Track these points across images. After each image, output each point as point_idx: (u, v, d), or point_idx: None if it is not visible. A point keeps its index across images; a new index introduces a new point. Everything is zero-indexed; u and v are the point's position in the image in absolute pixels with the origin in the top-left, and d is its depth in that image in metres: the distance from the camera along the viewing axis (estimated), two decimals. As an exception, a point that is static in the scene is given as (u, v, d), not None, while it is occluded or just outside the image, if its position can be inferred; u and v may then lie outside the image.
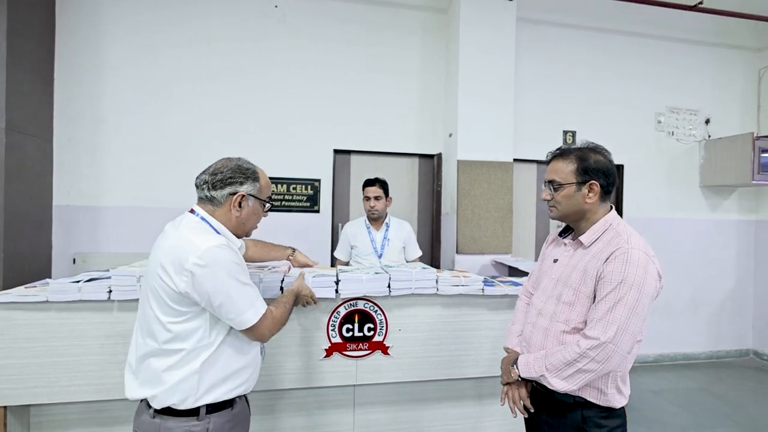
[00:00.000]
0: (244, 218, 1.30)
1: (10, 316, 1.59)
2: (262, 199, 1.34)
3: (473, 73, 3.49)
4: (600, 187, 1.31)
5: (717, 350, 4.37)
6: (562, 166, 1.35)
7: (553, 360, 1.25)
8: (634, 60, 4.20)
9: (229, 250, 1.19)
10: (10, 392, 1.60)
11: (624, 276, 1.18)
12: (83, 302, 1.61)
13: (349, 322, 1.84)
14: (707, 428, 2.88)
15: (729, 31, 4.37)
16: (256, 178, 1.31)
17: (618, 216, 1.36)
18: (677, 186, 4.33)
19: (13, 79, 2.77)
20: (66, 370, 1.62)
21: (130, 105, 3.34)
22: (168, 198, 3.38)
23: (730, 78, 4.44)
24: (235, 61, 3.49)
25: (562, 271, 1.35)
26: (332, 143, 3.69)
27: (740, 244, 4.44)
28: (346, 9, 3.68)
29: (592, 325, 1.21)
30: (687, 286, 4.30)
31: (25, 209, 2.90)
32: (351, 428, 1.97)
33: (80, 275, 1.81)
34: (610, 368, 1.20)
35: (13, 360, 1.60)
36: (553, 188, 1.35)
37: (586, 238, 1.32)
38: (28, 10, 2.91)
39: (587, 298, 1.26)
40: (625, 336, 1.17)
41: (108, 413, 1.74)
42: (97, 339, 1.63)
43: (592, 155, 1.34)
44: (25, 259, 2.88)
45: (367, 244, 2.71)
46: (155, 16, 3.37)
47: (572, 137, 4.14)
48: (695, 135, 4.38)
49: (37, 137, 3.01)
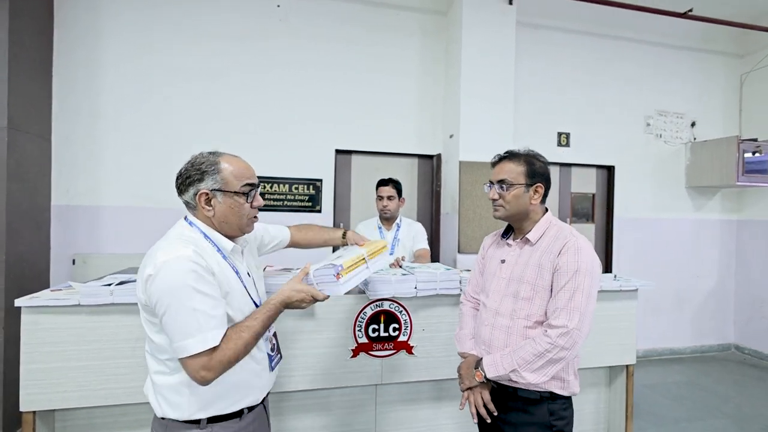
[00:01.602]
0: (221, 216, 1.16)
1: (37, 320, 1.56)
2: (232, 191, 1.15)
3: (474, 75, 3.55)
4: (543, 189, 1.42)
5: (701, 345, 4.57)
6: (512, 167, 1.42)
7: (522, 354, 1.28)
8: (625, 64, 4.34)
9: (190, 264, 1.04)
10: (39, 397, 1.58)
11: (578, 265, 1.28)
12: (114, 305, 1.60)
13: (375, 323, 1.88)
14: (700, 420, 3.03)
15: (714, 38, 4.56)
16: (214, 170, 1.15)
17: (553, 215, 1.47)
18: (665, 187, 4.50)
19: (15, 77, 2.69)
20: (96, 374, 1.60)
21: (129, 102, 3.28)
22: (167, 198, 3.32)
23: (715, 83, 4.64)
24: (237, 61, 3.46)
25: (513, 270, 1.41)
26: (334, 143, 3.70)
27: (722, 243, 4.65)
28: (347, 10, 3.69)
29: (556, 314, 1.27)
30: (673, 283, 4.48)
31: (25, 209, 2.81)
32: (373, 427, 2.01)
33: (107, 278, 1.79)
34: (575, 354, 1.28)
35: (41, 364, 1.58)
36: (503, 188, 1.41)
37: (533, 235, 1.40)
38: (28, 6, 2.82)
39: (545, 290, 1.33)
40: (586, 320, 1.26)
41: (133, 416, 1.73)
42: (128, 342, 1.61)
43: (536, 161, 1.44)
44: (25, 261, 2.80)
45: None
46: (155, 13, 3.31)
47: (566, 139, 4.25)
48: (682, 137, 4.56)
49: (36, 135, 2.92)
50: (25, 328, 1.57)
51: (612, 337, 2.20)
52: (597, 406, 2.34)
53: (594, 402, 2.33)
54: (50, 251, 3.10)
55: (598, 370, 2.33)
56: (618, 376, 2.31)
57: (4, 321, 2.58)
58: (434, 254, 3.91)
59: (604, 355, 2.20)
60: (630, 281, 2.27)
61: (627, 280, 2.29)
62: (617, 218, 4.34)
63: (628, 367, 2.26)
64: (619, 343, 2.22)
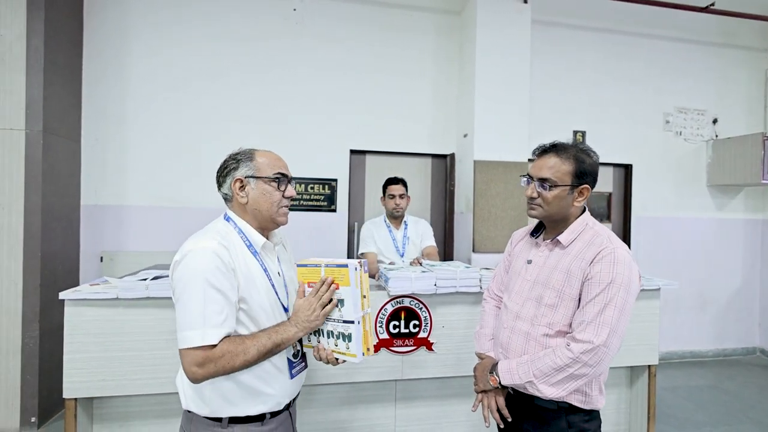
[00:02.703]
0: (253, 203, 1.20)
1: (79, 313, 1.66)
2: (264, 177, 1.20)
3: (489, 75, 3.55)
4: (589, 190, 1.28)
5: (724, 348, 4.46)
6: (557, 164, 1.26)
7: (540, 365, 1.18)
8: (642, 61, 4.29)
9: (211, 257, 1.06)
10: (80, 385, 1.67)
11: (613, 277, 1.16)
12: (150, 299, 1.68)
13: (395, 319, 1.92)
14: (724, 425, 2.97)
15: (735, 32, 4.47)
16: (250, 158, 1.22)
17: (591, 216, 1.33)
18: (684, 185, 4.43)
19: (49, 83, 2.83)
20: (133, 365, 1.69)
21: (154, 106, 3.40)
22: (190, 197, 3.44)
23: (737, 78, 4.54)
24: (255, 63, 3.55)
25: (540, 273, 1.30)
26: (348, 144, 3.76)
27: (747, 243, 4.55)
28: (361, 11, 3.74)
29: (582, 327, 1.16)
30: (694, 284, 4.39)
31: (58, 209, 2.95)
32: (393, 422, 2.05)
33: (142, 273, 1.88)
34: (600, 371, 1.17)
35: (83, 354, 1.67)
36: (545, 187, 1.26)
37: (565, 238, 1.27)
38: (61, 17, 2.96)
39: (572, 300, 1.21)
40: (616, 337, 1.15)
41: (166, 405, 1.81)
42: (162, 334, 1.70)
43: (587, 158, 1.28)
44: (57, 258, 2.93)
45: (389, 244, 2.77)
46: (179, 20, 3.43)
47: (582, 137, 4.23)
48: (702, 135, 4.48)
49: (67, 138, 3.06)
50: (68, 319, 1.66)
51: (634, 337, 2.19)
52: (618, 407, 2.34)
53: (615, 402, 2.33)
54: (80, 249, 3.24)
55: (620, 371, 2.32)
56: (640, 376, 2.31)
57: (39, 315, 2.71)
58: (448, 253, 3.95)
59: (625, 356, 2.19)
60: (652, 280, 2.26)
61: (649, 279, 2.27)
62: (635, 217, 4.30)
63: (651, 367, 2.26)
64: (641, 343, 2.21)
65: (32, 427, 2.66)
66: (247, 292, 1.12)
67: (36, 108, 2.74)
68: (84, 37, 3.26)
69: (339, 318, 1.17)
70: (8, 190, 2.71)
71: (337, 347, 1.18)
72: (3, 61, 2.71)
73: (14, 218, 2.71)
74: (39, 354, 2.70)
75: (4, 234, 2.70)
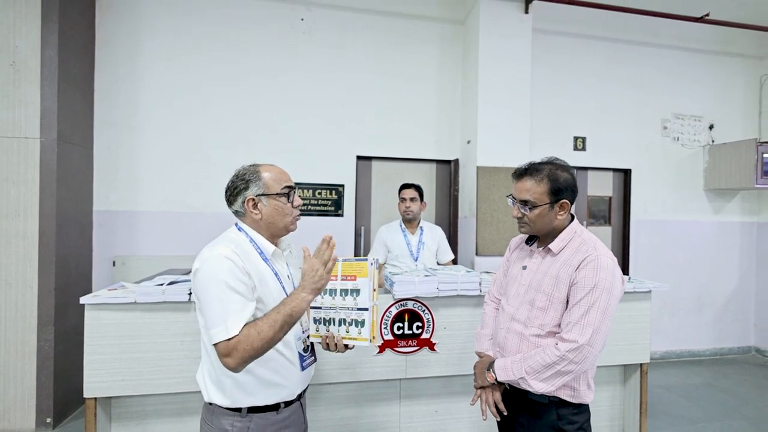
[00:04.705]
0: (268, 218, 1.30)
1: (98, 316, 1.75)
2: (273, 194, 1.29)
3: (492, 82, 3.65)
4: (569, 204, 1.39)
5: (720, 347, 4.55)
6: (533, 186, 1.37)
7: (531, 363, 1.30)
8: (641, 68, 4.37)
9: (226, 262, 1.17)
10: (100, 385, 1.75)
11: (596, 281, 1.27)
12: (166, 303, 1.77)
13: (399, 321, 2.01)
14: (718, 421, 3.06)
15: (731, 41, 4.55)
16: (256, 178, 1.29)
17: (579, 224, 1.44)
18: (683, 189, 4.51)
19: (63, 92, 2.92)
20: (149, 365, 1.78)
21: (164, 114, 3.49)
22: (200, 203, 3.52)
23: (733, 85, 4.63)
24: (264, 72, 3.64)
25: (533, 278, 1.41)
26: (355, 150, 3.85)
27: (742, 245, 4.63)
28: (367, 21, 3.83)
29: (569, 328, 1.27)
30: (692, 286, 4.48)
31: (72, 215, 3.04)
32: (397, 418, 2.13)
33: (158, 278, 1.96)
34: (585, 368, 1.28)
35: (102, 356, 1.75)
36: (527, 208, 1.38)
37: (556, 246, 1.38)
38: (73, 28, 3.05)
39: (560, 302, 1.33)
40: (599, 337, 1.26)
41: (181, 404, 1.89)
42: (177, 336, 1.78)
43: (561, 174, 1.38)
44: (71, 263, 3.02)
45: (404, 248, 2.87)
46: (188, 30, 3.52)
47: (582, 143, 4.31)
48: (699, 140, 4.57)
49: (80, 146, 3.15)
50: (88, 323, 1.75)
51: (626, 337, 2.28)
52: (612, 403, 2.43)
53: (609, 399, 2.42)
54: (93, 253, 3.33)
55: (613, 369, 2.41)
56: (632, 374, 2.40)
57: (54, 318, 2.80)
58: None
59: (618, 354, 2.29)
60: (643, 283, 2.35)
61: (640, 282, 2.37)
62: (635, 221, 4.38)
63: (642, 365, 2.34)
64: (633, 342, 2.30)
65: (48, 427, 2.75)
66: (262, 293, 1.24)
67: (50, 117, 2.83)
68: (96, 47, 3.36)
69: (353, 306, 1.31)
70: (24, 197, 2.80)
71: (348, 333, 1.31)
72: (19, 72, 2.81)
73: (30, 224, 2.80)
74: (54, 356, 2.78)
75: (20, 239, 2.78)
